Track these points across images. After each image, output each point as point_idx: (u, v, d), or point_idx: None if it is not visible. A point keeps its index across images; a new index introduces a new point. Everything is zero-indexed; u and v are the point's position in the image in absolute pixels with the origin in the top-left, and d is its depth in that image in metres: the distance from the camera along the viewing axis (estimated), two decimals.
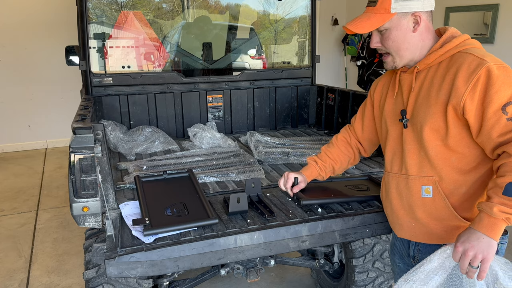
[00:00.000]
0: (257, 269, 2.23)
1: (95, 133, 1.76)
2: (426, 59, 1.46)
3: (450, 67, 1.39)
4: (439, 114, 1.39)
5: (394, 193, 1.59)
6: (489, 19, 5.23)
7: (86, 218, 1.79)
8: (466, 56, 1.36)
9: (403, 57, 1.49)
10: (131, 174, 2.34)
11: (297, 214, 1.88)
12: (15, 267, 3.36)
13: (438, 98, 1.39)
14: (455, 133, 1.38)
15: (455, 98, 1.33)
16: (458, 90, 1.32)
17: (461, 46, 1.41)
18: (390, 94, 1.63)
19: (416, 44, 1.47)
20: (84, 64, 3.05)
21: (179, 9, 5.26)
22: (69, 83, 6.43)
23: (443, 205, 1.45)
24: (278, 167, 2.61)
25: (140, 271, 1.57)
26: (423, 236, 1.53)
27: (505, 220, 1.26)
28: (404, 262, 1.69)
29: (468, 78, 1.31)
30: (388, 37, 1.46)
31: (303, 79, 3.73)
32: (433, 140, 1.42)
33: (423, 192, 1.48)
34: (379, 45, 1.51)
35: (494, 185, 1.29)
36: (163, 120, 3.38)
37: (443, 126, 1.39)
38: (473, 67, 1.32)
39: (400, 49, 1.47)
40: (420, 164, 1.48)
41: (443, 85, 1.38)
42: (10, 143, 6.61)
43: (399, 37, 1.45)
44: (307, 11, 3.85)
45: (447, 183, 1.44)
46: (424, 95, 1.45)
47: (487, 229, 1.27)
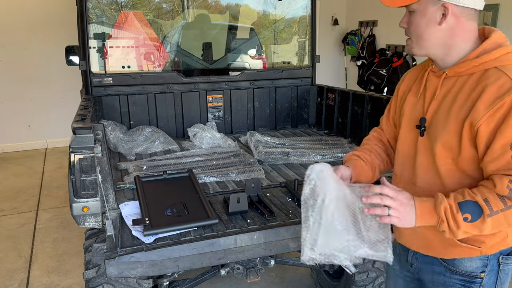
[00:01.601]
0: (257, 269, 2.23)
1: (95, 133, 1.76)
2: (457, 67, 1.30)
3: (479, 83, 1.24)
4: (455, 131, 1.27)
5: None
6: (489, 19, 5.23)
7: (86, 218, 1.79)
8: (500, 76, 1.21)
9: (422, 47, 1.34)
10: (131, 174, 2.34)
11: (297, 214, 1.88)
12: (15, 267, 3.36)
13: (459, 114, 1.26)
14: (467, 154, 1.27)
15: (473, 119, 1.21)
16: (478, 112, 1.20)
17: (500, 61, 1.24)
18: (413, 92, 1.48)
19: (440, 39, 1.30)
20: (84, 64, 3.05)
21: (179, 9, 5.26)
22: (69, 83, 6.42)
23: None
24: (278, 167, 2.61)
25: (140, 271, 1.57)
26: (420, 247, 1.47)
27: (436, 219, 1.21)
28: (401, 266, 1.64)
29: (492, 102, 1.18)
30: (414, 20, 1.32)
31: (303, 79, 3.73)
32: (444, 157, 1.31)
33: None
34: (406, 26, 1.36)
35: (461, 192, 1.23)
36: (163, 120, 3.38)
37: (456, 144, 1.27)
38: (502, 92, 1.18)
39: (420, 38, 1.33)
40: (430, 177, 1.37)
41: (467, 102, 1.25)
42: (10, 143, 6.61)
43: (422, 24, 1.31)
44: (307, 11, 3.85)
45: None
46: (446, 107, 1.31)
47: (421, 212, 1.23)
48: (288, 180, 2.34)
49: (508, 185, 1.17)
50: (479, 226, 1.19)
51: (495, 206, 1.17)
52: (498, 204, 1.17)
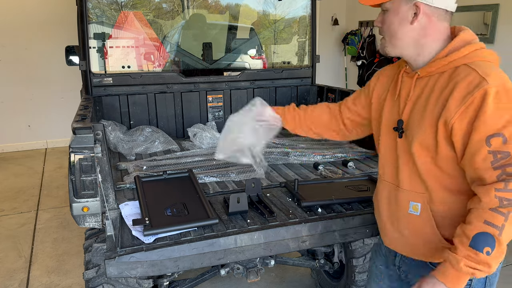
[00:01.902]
0: (257, 269, 2.23)
1: (95, 133, 1.76)
2: (428, 67, 1.32)
3: (450, 81, 1.26)
4: (430, 130, 1.29)
5: (384, 202, 1.51)
6: (489, 19, 5.23)
7: (86, 218, 1.79)
8: (470, 72, 1.23)
9: (395, 46, 1.36)
10: (131, 174, 2.34)
11: (297, 214, 1.88)
12: (15, 267, 3.36)
13: (433, 113, 1.28)
14: (445, 153, 1.28)
15: (446, 117, 1.23)
16: (450, 109, 1.22)
17: (469, 58, 1.26)
18: (390, 94, 1.50)
19: (413, 39, 1.32)
20: (84, 64, 3.04)
21: (179, 9, 5.26)
22: (69, 83, 6.43)
23: (428, 225, 1.37)
24: (278, 167, 2.61)
25: (140, 271, 1.57)
26: (406, 250, 1.47)
27: (470, 275, 1.19)
28: (387, 267, 1.64)
29: (463, 98, 1.20)
30: (386, 19, 1.36)
31: (303, 79, 3.73)
32: (423, 156, 1.33)
33: (411, 208, 1.39)
34: (380, 25, 1.40)
35: (462, 233, 1.21)
36: (163, 120, 3.38)
37: (433, 143, 1.29)
38: (471, 87, 1.20)
39: (393, 37, 1.35)
40: (412, 179, 1.38)
41: (439, 100, 1.27)
42: (10, 143, 6.61)
43: (395, 23, 1.33)
44: (307, 11, 3.84)
45: (437, 202, 1.35)
46: (420, 107, 1.33)
47: (452, 283, 1.21)
48: (288, 180, 2.34)
49: (496, 194, 1.15)
50: (501, 248, 1.17)
51: (497, 222, 1.16)
52: (498, 218, 1.16)
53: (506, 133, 1.16)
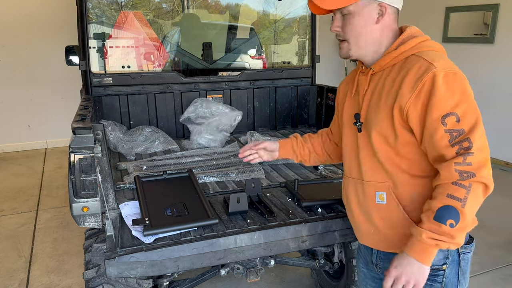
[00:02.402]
0: (257, 269, 2.23)
1: (95, 133, 1.76)
2: (381, 61, 1.39)
3: (401, 70, 1.33)
4: (387, 119, 1.34)
5: (353, 199, 1.53)
6: (489, 19, 5.23)
7: (86, 218, 1.79)
8: (418, 60, 1.30)
9: (359, 48, 1.41)
10: (131, 174, 2.34)
11: (297, 214, 1.88)
12: (15, 267, 3.36)
13: (387, 102, 1.34)
14: (403, 139, 1.33)
15: (400, 103, 1.29)
16: (404, 96, 1.28)
17: (416, 48, 1.34)
18: (349, 95, 1.57)
19: (375, 38, 1.39)
20: (84, 64, 3.05)
21: (179, 9, 5.26)
22: (69, 83, 6.42)
23: (397, 211, 1.40)
24: (278, 167, 2.61)
25: (140, 271, 1.57)
26: (381, 244, 1.49)
27: (435, 246, 1.24)
28: (368, 268, 1.63)
29: (414, 84, 1.26)
30: (349, 22, 1.38)
31: (303, 79, 3.73)
32: (383, 145, 1.38)
33: (378, 198, 1.43)
34: (339, 30, 1.43)
35: (428, 208, 1.26)
36: (163, 120, 3.38)
37: (391, 132, 1.34)
38: (420, 72, 1.26)
39: (358, 38, 1.39)
40: (374, 170, 1.43)
41: (392, 89, 1.33)
42: (10, 143, 6.61)
43: (360, 24, 1.37)
44: (307, 11, 3.85)
45: (401, 188, 1.38)
46: (375, 99, 1.39)
47: (418, 255, 1.26)
48: (288, 180, 2.34)
49: (456, 168, 1.21)
50: (465, 221, 1.21)
51: (460, 195, 1.21)
52: (460, 191, 1.21)
53: (459, 111, 1.22)
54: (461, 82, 1.25)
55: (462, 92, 1.24)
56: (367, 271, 1.64)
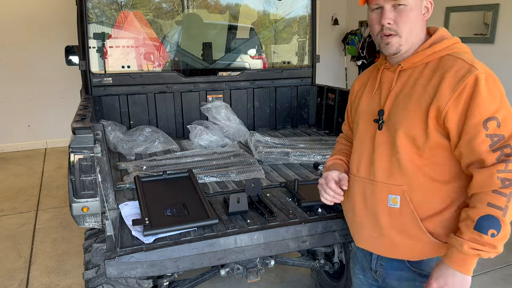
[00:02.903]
0: (257, 269, 2.22)
1: (95, 133, 1.76)
2: (413, 58, 1.35)
3: (437, 70, 1.29)
4: (418, 120, 1.28)
5: (359, 199, 1.45)
6: (489, 19, 5.23)
7: (85, 218, 1.79)
8: (456, 61, 1.27)
9: (409, 42, 1.35)
10: (131, 174, 2.34)
11: (297, 214, 1.88)
12: (15, 267, 3.35)
13: (420, 102, 1.28)
14: (434, 142, 1.28)
15: (439, 104, 1.24)
16: (443, 96, 1.23)
17: (451, 49, 1.32)
18: (367, 91, 1.50)
19: (419, 33, 1.36)
20: (84, 64, 3.04)
21: (179, 9, 5.25)
22: (69, 83, 6.42)
23: (410, 218, 1.33)
24: (278, 167, 2.61)
25: (140, 271, 1.57)
26: (384, 249, 1.42)
27: (476, 256, 1.21)
28: (365, 274, 1.57)
29: (455, 84, 1.22)
30: (406, 15, 1.30)
31: (303, 79, 3.73)
32: (408, 146, 1.31)
33: (390, 202, 1.36)
34: (392, 23, 1.32)
35: (466, 217, 1.22)
36: (163, 120, 3.38)
37: (421, 133, 1.28)
38: (461, 74, 1.23)
39: (411, 33, 1.33)
40: (390, 171, 1.36)
41: (427, 89, 1.28)
42: (10, 143, 6.60)
43: (414, 18, 1.32)
44: (307, 11, 3.84)
45: (418, 193, 1.32)
46: (404, 97, 1.34)
47: (459, 265, 1.22)
48: (288, 180, 2.34)
49: (498, 176, 1.17)
50: (506, 229, 1.19)
51: (501, 203, 1.17)
52: (501, 199, 1.17)
53: (499, 116, 1.20)
54: (500, 87, 1.24)
55: (501, 97, 1.22)
56: (363, 278, 1.59)
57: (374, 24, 1.37)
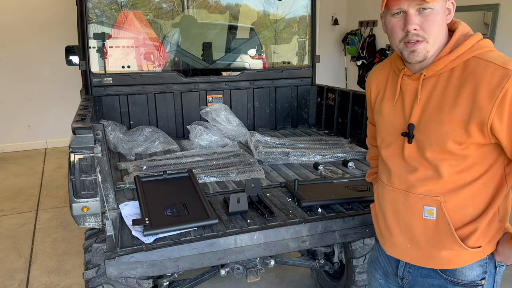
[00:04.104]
0: (257, 269, 2.22)
1: (95, 133, 1.76)
2: (435, 65, 1.25)
3: (466, 77, 1.19)
4: (452, 133, 1.20)
5: (389, 209, 1.41)
6: (489, 19, 5.23)
7: (86, 218, 1.79)
8: (486, 66, 1.17)
9: (434, 47, 1.24)
10: (131, 174, 2.34)
11: (297, 214, 1.88)
12: (15, 267, 3.35)
13: (453, 114, 1.20)
14: (477, 155, 1.22)
15: (480, 117, 1.15)
16: (483, 109, 1.15)
17: (475, 50, 1.22)
18: (388, 99, 1.40)
19: (443, 36, 1.26)
20: (84, 64, 3.04)
21: (179, 9, 5.25)
22: (69, 83, 6.43)
23: (446, 230, 1.29)
24: (278, 167, 2.61)
25: (140, 271, 1.57)
26: (418, 259, 1.38)
27: None
28: (388, 280, 1.54)
29: (492, 93, 1.13)
30: (434, 19, 1.21)
31: (303, 79, 3.73)
32: (442, 159, 1.25)
33: (425, 213, 1.30)
34: (418, 28, 1.22)
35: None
36: (163, 120, 3.38)
37: (456, 146, 1.21)
38: (496, 80, 1.14)
39: (437, 37, 1.23)
40: (425, 182, 1.29)
41: (459, 99, 1.19)
42: (10, 143, 6.61)
43: (440, 22, 1.22)
44: (307, 11, 3.85)
45: (454, 203, 1.28)
46: (434, 109, 1.24)
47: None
48: (288, 180, 2.34)
49: None
50: None
51: None
52: None
53: None
54: None
55: None
56: (385, 283, 1.55)
57: (396, 30, 1.25)
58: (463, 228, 1.29)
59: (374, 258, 1.61)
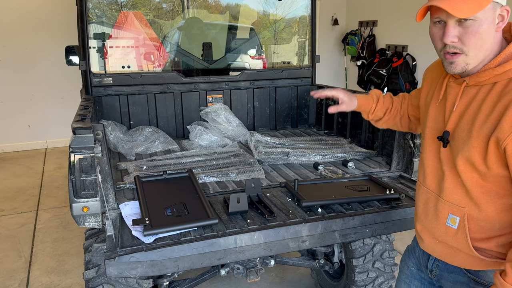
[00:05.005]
0: (257, 269, 2.23)
1: (95, 133, 1.76)
2: (478, 76, 1.20)
3: (504, 95, 1.14)
4: (478, 148, 1.19)
5: (422, 208, 1.44)
6: None
7: (86, 218, 1.79)
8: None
9: (477, 59, 1.19)
10: (131, 174, 2.34)
11: (297, 214, 1.88)
12: (15, 267, 3.36)
13: (481, 130, 1.17)
14: (497, 172, 1.19)
15: (499, 137, 1.13)
16: (504, 129, 1.11)
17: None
18: (435, 99, 1.39)
19: (491, 46, 1.19)
20: (84, 64, 3.05)
21: (179, 9, 5.26)
22: (69, 83, 6.43)
23: (463, 241, 1.30)
24: (278, 167, 2.61)
25: (140, 271, 1.57)
26: (443, 256, 1.41)
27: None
28: (419, 269, 1.59)
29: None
30: (476, 31, 1.13)
31: (303, 79, 3.73)
32: (469, 172, 1.24)
33: (448, 221, 1.32)
34: (457, 40, 1.17)
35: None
36: (163, 120, 3.38)
37: (480, 162, 1.19)
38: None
39: (480, 49, 1.17)
40: (455, 190, 1.29)
41: (490, 117, 1.16)
42: (10, 143, 6.61)
43: (484, 33, 1.14)
44: (307, 11, 3.85)
45: (480, 217, 1.27)
46: (468, 120, 1.22)
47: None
48: (288, 180, 2.34)
49: None
50: None
51: None
52: None
53: None
54: None
55: None
56: (416, 272, 1.59)
57: (436, 40, 1.22)
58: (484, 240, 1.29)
59: (411, 248, 1.65)
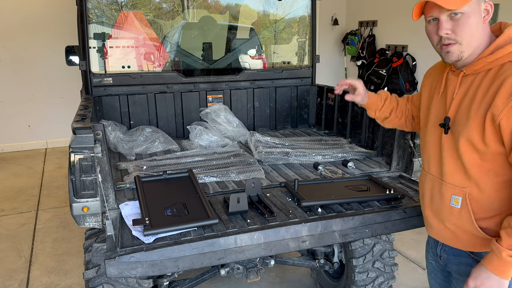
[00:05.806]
0: (257, 269, 2.23)
1: (95, 133, 1.76)
2: (473, 65, 1.37)
3: (496, 78, 1.31)
4: (476, 128, 1.33)
5: (428, 194, 1.57)
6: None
7: (86, 218, 1.79)
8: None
9: (471, 48, 1.36)
10: (131, 174, 2.34)
11: (297, 214, 1.88)
12: (15, 267, 3.36)
13: (478, 111, 1.32)
14: (494, 149, 1.32)
15: (494, 112, 1.27)
16: (497, 105, 1.26)
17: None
18: (437, 91, 1.55)
19: (482, 37, 1.36)
20: (84, 64, 3.05)
21: (179, 9, 5.26)
22: (69, 83, 6.43)
23: (468, 219, 1.42)
24: (278, 167, 2.61)
25: (140, 271, 1.57)
26: (450, 240, 1.53)
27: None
28: (435, 260, 1.68)
29: (510, 94, 1.24)
30: (465, 22, 1.32)
31: (303, 79, 3.73)
32: (470, 152, 1.37)
33: (452, 202, 1.45)
34: (450, 33, 1.35)
35: (508, 225, 1.28)
36: (163, 120, 3.38)
37: (479, 141, 1.33)
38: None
39: (472, 38, 1.34)
40: (456, 173, 1.43)
41: (485, 98, 1.31)
42: (10, 143, 6.61)
43: (473, 24, 1.33)
44: (307, 11, 3.85)
45: (480, 196, 1.39)
46: (466, 104, 1.38)
47: (496, 270, 1.29)
48: (288, 180, 2.34)
49: None
50: None
51: None
52: None
53: None
54: None
55: None
56: (435, 264, 1.68)
57: (432, 35, 1.40)
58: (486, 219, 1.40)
59: (427, 242, 1.76)
